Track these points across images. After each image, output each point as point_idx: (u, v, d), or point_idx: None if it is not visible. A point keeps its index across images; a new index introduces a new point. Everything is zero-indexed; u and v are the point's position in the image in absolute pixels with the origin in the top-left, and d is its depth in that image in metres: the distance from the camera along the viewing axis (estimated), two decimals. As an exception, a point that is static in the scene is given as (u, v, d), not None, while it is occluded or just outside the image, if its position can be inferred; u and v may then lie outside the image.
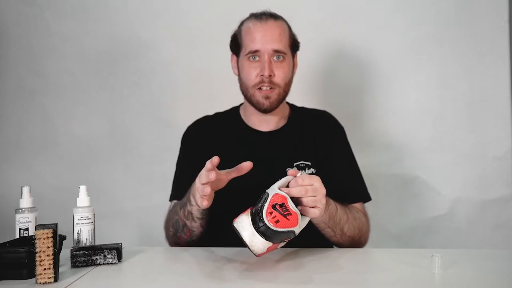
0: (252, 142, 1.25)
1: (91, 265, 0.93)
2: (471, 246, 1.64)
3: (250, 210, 0.84)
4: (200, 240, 1.13)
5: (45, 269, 0.80)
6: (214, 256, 1.00)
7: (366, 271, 0.92)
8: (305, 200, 0.87)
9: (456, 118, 1.69)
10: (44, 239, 0.80)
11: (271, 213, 0.80)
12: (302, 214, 0.86)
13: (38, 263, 0.80)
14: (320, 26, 1.71)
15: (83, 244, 0.98)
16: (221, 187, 0.98)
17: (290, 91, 1.25)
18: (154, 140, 1.77)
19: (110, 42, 1.79)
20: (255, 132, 1.26)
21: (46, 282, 0.81)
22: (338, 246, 1.13)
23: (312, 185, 0.88)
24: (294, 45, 1.24)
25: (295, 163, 1.20)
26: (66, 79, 1.80)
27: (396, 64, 1.71)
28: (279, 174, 0.93)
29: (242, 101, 1.30)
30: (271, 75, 1.17)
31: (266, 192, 0.85)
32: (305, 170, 1.20)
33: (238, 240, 0.83)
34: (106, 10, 1.78)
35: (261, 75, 1.17)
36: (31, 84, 1.81)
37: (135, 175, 1.77)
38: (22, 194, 1.02)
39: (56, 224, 0.84)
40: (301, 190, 0.87)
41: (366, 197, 1.24)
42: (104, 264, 0.94)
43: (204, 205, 0.90)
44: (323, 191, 0.90)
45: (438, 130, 1.70)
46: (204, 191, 0.88)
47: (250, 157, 1.01)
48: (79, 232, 0.99)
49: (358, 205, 1.21)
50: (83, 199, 1.01)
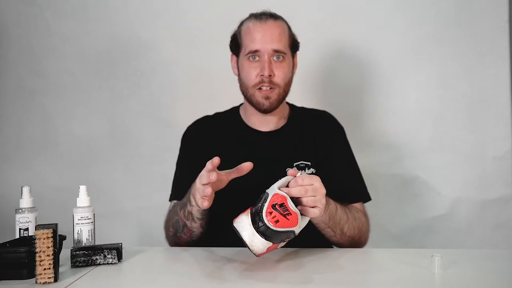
0: (252, 142, 1.25)
1: (91, 265, 0.93)
2: (471, 246, 1.64)
3: (250, 210, 0.84)
4: (200, 240, 1.13)
5: (45, 269, 0.80)
6: (214, 256, 1.00)
7: (366, 271, 0.92)
8: (305, 200, 0.87)
9: (456, 118, 1.69)
10: (44, 239, 0.80)
11: (271, 213, 0.80)
12: (302, 214, 0.86)
13: (38, 263, 0.80)
14: (320, 26, 1.71)
15: (83, 244, 0.98)
16: (221, 187, 0.98)
17: (290, 91, 1.25)
18: (154, 140, 1.77)
19: (110, 42, 1.79)
20: (255, 132, 1.26)
21: (46, 282, 0.81)
22: (338, 246, 1.13)
23: (312, 185, 0.88)
24: (294, 45, 1.24)
25: (295, 163, 1.20)
26: (66, 79, 1.80)
27: (396, 64, 1.71)
28: (279, 174, 0.93)
29: (242, 101, 1.30)
30: (271, 75, 1.17)
31: (266, 192, 0.84)
32: (305, 170, 1.20)
33: (238, 240, 0.83)
34: (106, 10, 1.78)
35: (261, 75, 1.17)
36: (31, 84, 1.81)
37: (135, 175, 1.77)
38: (22, 194, 1.02)
39: (56, 224, 0.84)
40: (301, 190, 0.87)
41: (366, 197, 1.24)
42: (104, 264, 0.94)
43: (205, 205, 0.90)
44: (323, 191, 0.90)
45: (438, 130, 1.69)
46: (205, 191, 0.88)
47: (250, 157, 1.01)
48: (79, 232, 0.99)
49: (358, 205, 1.21)
50: (83, 199, 1.01)
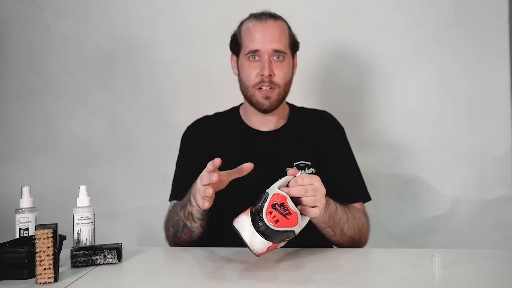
0: (252, 142, 1.25)
1: (91, 265, 0.93)
2: (471, 246, 1.64)
3: (250, 210, 0.84)
4: (200, 240, 1.13)
5: (45, 269, 0.80)
6: (214, 256, 1.00)
7: (366, 271, 0.92)
8: (305, 200, 0.87)
9: (456, 118, 1.69)
10: (44, 239, 0.80)
11: (271, 212, 0.80)
12: (302, 214, 0.86)
13: (38, 263, 0.80)
14: (320, 26, 1.71)
15: (83, 244, 0.98)
16: (221, 188, 0.98)
17: (290, 91, 1.25)
18: (154, 140, 1.77)
19: (110, 42, 1.79)
20: (255, 132, 1.26)
21: (46, 282, 0.80)
22: (338, 246, 1.13)
23: (312, 184, 0.88)
24: (294, 45, 1.24)
25: (295, 163, 1.20)
26: (66, 79, 1.80)
27: (396, 64, 1.71)
28: (279, 174, 0.93)
29: (242, 101, 1.30)
30: (271, 75, 1.17)
31: (266, 191, 0.84)
32: (305, 170, 1.20)
33: (238, 240, 0.83)
34: (106, 10, 1.78)
35: (261, 75, 1.17)
36: (31, 84, 1.81)
37: (135, 175, 1.77)
38: (22, 194, 1.02)
39: (56, 224, 0.84)
40: (300, 189, 0.87)
41: (366, 197, 1.24)
42: (104, 264, 0.94)
43: (205, 206, 0.90)
44: (323, 190, 0.90)
45: (438, 130, 1.69)
46: (206, 192, 0.88)
47: (250, 157, 1.01)
48: (79, 232, 0.99)
49: (358, 205, 1.21)
50: (83, 199, 1.01)
